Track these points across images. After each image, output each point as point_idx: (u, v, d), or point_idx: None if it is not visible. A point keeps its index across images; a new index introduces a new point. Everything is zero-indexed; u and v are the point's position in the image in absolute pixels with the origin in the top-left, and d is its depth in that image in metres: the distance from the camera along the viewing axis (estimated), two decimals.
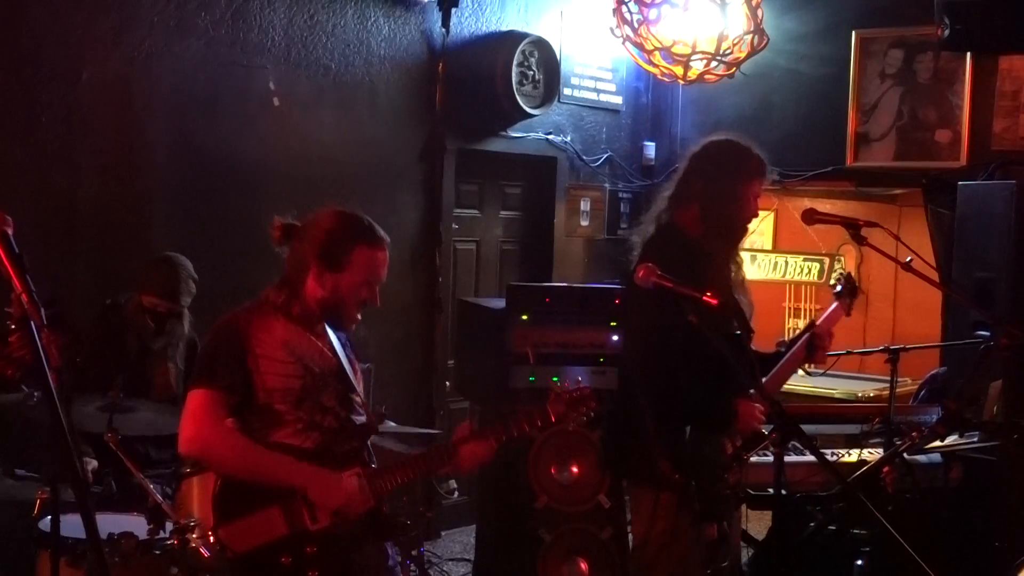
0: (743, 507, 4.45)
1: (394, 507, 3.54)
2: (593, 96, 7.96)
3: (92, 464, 4.44)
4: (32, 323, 2.22)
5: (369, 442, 3.47)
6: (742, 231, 4.10)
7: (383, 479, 3.34)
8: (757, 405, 3.87)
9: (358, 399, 3.46)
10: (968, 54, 7.06)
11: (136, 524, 3.83)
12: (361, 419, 3.45)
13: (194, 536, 3.69)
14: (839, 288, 4.34)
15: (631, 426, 4.10)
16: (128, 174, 5.50)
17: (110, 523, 3.80)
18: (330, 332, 3.47)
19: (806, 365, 4.34)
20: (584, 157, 7.95)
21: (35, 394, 3.94)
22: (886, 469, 3.73)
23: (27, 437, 4.39)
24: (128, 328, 4.87)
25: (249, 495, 3.22)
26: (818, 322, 4.25)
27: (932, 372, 6.44)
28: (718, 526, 3.94)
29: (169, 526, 3.79)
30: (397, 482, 3.36)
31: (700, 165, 4.09)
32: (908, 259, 4.01)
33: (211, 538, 3.42)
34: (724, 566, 4.00)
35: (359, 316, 3.42)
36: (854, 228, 3.97)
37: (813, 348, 4.17)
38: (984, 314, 5.14)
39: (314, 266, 3.32)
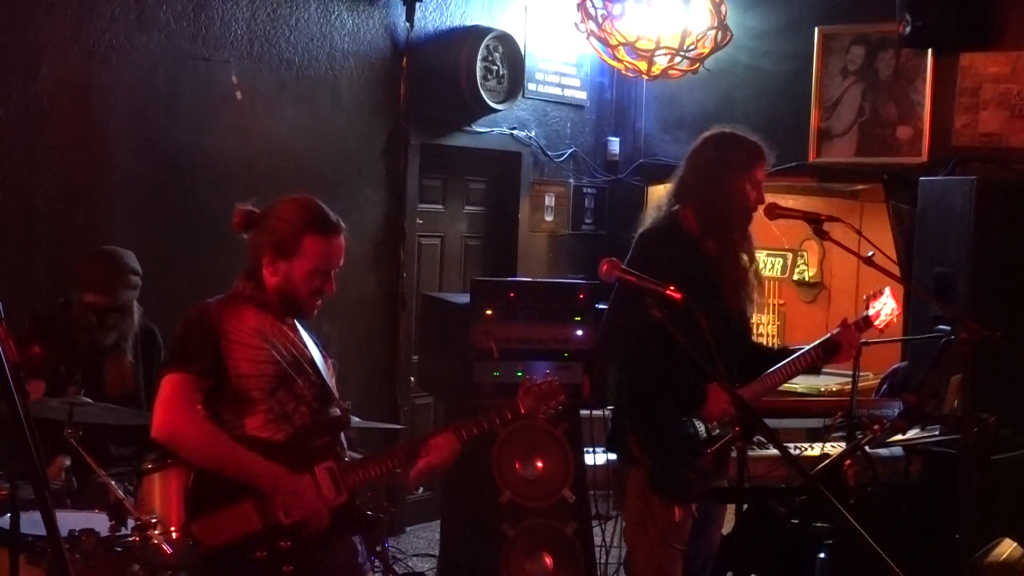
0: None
1: (364, 486, 3.51)
2: (557, 91, 7.96)
3: (66, 462, 4.39)
4: None
5: (342, 436, 3.46)
6: (738, 223, 4.09)
7: (355, 473, 3.32)
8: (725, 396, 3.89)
9: (332, 394, 3.45)
10: (929, 51, 7.10)
11: (97, 521, 3.80)
12: (335, 412, 3.43)
13: (156, 533, 3.67)
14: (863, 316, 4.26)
15: (616, 404, 4.16)
16: (88, 169, 5.45)
17: (71, 520, 3.77)
18: (300, 328, 3.46)
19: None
20: (548, 152, 7.95)
21: None
22: (848, 463, 3.75)
23: None
24: (77, 326, 4.82)
25: (222, 489, 3.19)
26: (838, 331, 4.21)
27: (893, 366, 6.49)
28: (682, 509, 3.97)
29: (131, 523, 3.77)
30: (369, 476, 3.35)
31: (691, 162, 4.13)
32: (870, 254, 4.04)
33: (180, 533, 3.40)
34: (679, 548, 4.03)
35: (318, 303, 3.39)
36: (816, 223, 4.00)
37: (833, 351, 4.15)
38: (944, 309, 5.18)
39: (266, 254, 3.32)
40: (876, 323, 4.24)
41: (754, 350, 4.34)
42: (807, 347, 4.18)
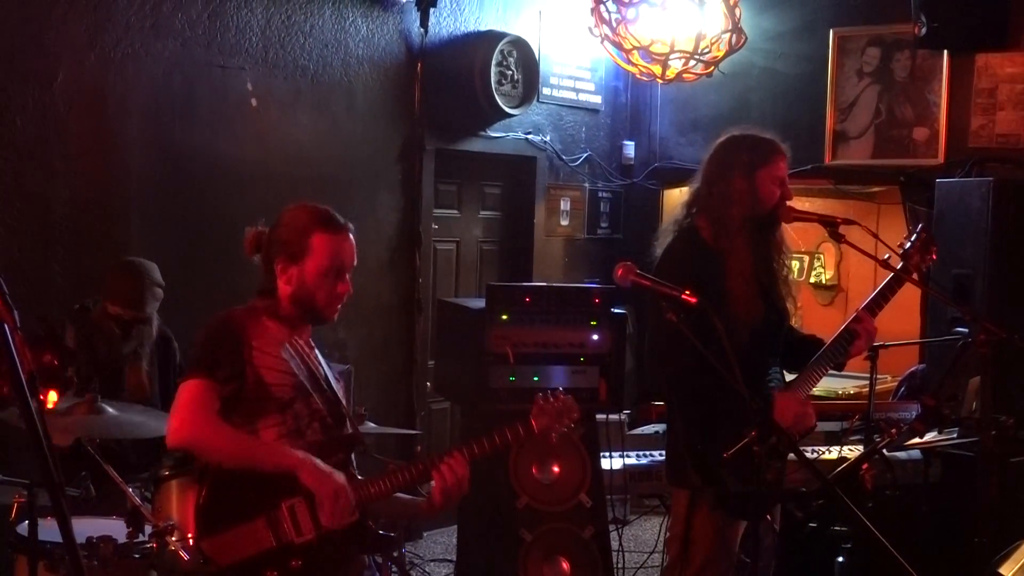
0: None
1: (376, 504, 3.47)
2: (572, 95, 7.96)
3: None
4: (5, 326, 2.20)
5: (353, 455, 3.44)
6: (761, 223, 3.97)
7: (366, 491, 3.28)
8: (794, 401, 3.88)
9: (346, 412, 3.42)
10: (945, 52, 7.09)
11: (115, 528, 3.80)
12: (347, 431, 3.40)
13: (173, 539, 3.66)
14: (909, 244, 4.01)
15: (669, 427, 4.12)
16: (103, 176, 5.47)
17: (89, 527, 3.77)
18: (317, 351, 3.43)
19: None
20: (563, 156, 7.95)
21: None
22: (865, 466, 3.73)
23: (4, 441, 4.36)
24: (97, 332, 4.84)
25: (234, 506, 3.16)
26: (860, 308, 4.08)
27: (911, 369, 6.48)
28: (752, 524, 3.93)
29: (148, 529, 3.77)
30: (381, 494, 3.33)
31: (704, 170, 4.08)
32: (887, 256, 4.01)
33: (194, 549, 3.38)
34: (760, 565, 3.97)
35: (337, 306, 3.35)
36: (832, 226, 3.96)
37: (850, 339, 4.02)
38: (962, 311, 5.15)
39: (278, 263, 3.28)
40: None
41: (792, 341, 4.25)
42: (829, 342, 4.11)
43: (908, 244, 4.03)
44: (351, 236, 3.35)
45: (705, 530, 3.97)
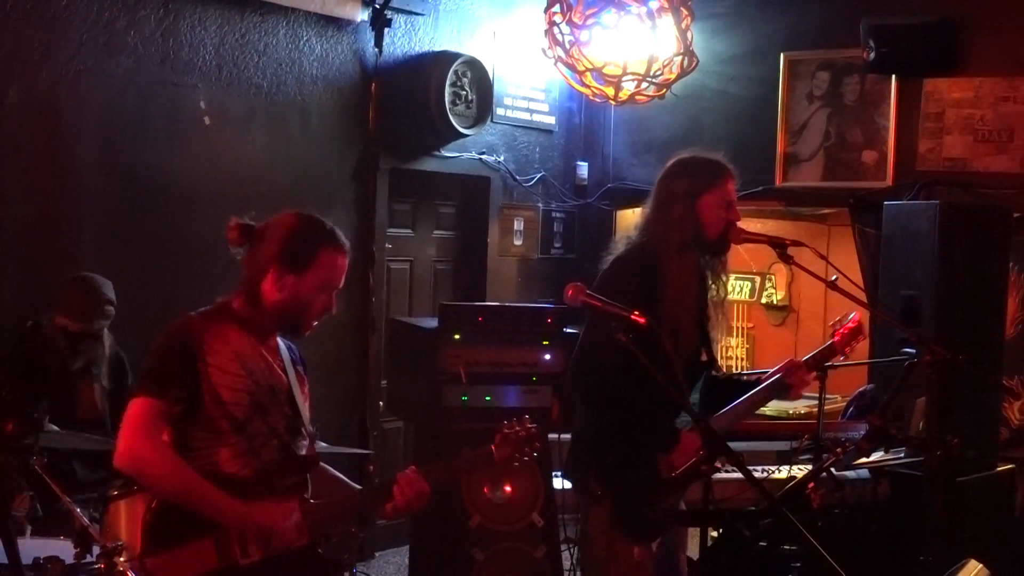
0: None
1: (328, 528, 3.46)
2: (526, 116, 8.00)
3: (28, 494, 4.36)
4: None
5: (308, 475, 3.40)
6: (707, 247, 4.02)
7: (319, 516, 3.24)
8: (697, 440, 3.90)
9: (304, 426, 3.35)
10: (893, 77, 7.20)
11: (62, 549, 3.76)
12: (304, 445, 3.34)
13: (121, 560, 3.63)
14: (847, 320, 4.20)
15: (576, 437, 4.13)
16: (55, 193, 5.43)
17: (36, 548, 3.73)
18: (282, 349, 3.35)
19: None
20: (517, 177, 7.98)
21: None
22: (811, 485, 3.76)
23: None
24: (47, 348, 4.81)
25: (182, 525, 3.10)
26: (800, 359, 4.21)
27: (860, 389, 6.54)
28: (642, 548, 3.95)
29: (96, 550, 3.74)
30: (333, 520, 3.30)
31: (654, 192, 4.10)
32: (833, 278, 4.06)
33: (139, 567, 3.35)
34: None
35: (315, 324, 3.31)
36: (781, 248, 4.00)
37: (784, 385, 4.12)
38: (908, 332, 5.22)
39: (274, 268, 3.19)
40: (841, 347, 4.26)
41: (714, 381, 4.29)
42: (758, 387, 4.16)
43: (839, 324, 4.21)
44: (348, 255, 3.32)
45: (612, 543, 3.98)
